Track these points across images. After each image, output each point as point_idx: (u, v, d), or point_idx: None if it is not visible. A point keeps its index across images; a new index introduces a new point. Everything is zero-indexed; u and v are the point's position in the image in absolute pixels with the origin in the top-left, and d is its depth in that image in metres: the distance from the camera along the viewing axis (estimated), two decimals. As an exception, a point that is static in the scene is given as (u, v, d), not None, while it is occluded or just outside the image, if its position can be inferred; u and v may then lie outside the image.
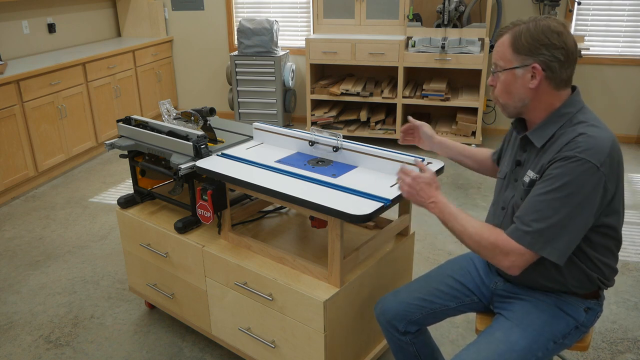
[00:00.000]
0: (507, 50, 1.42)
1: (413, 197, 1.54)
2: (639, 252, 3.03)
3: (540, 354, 1.46)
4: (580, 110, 1.43)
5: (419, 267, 2.87)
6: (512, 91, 1.45)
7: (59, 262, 3.05)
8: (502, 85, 1.46)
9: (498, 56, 1.45)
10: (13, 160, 3.84)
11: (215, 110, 2.21)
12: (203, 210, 1.94)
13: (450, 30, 4.44)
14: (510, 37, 1.42)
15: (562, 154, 1.35)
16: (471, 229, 1.43)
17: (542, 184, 1.37)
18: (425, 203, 1.51)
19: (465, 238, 1.45)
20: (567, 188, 1.32)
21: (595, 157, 1.32)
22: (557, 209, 1.33)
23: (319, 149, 1.98)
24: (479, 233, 1.42)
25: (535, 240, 1.35)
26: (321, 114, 4.90)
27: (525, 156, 1.52)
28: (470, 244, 1.44)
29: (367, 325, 1.96)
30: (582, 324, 1.52)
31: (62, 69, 4.20)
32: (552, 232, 1.34)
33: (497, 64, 1.46)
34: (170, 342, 2.37)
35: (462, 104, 4.53)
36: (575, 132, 1.38)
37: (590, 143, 1.33)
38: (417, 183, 1.52)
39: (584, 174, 1.32)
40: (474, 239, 1.43)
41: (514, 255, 1.38)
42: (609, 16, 4.64)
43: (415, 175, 1.53)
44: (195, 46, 5.74)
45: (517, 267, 1.39)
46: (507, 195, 1.56)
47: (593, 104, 4.83)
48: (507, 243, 1.38)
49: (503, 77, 1.45)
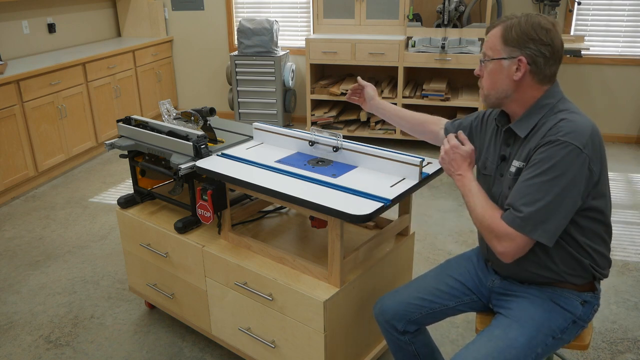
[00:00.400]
0: (497, 41, 1.47)
1: (445, 164, 1.59)
2: (639, 252, 3.03)
3: (539, 349, 1.47)
4: (560, 100, 1.49)
5: (419, 267, 2.87)
6: (496, 81, 1.49)
7: (59, 262, 3.05)
8: (488, 75, 1.50)
9: (488, 46, 1.50)
10: (13, 160, 3.84)
11: (215, 110, 2.21)
12: (203, 210, 1.94)
13: (450, 30, 4.44)
14: (501, 29, 1.47)
15: (546, 139, 1.40)
16: (479, 208, 1.48)
17: (529, 170, 1.41)
18: (453, 173, 1.57)
19: (473, 216, 1.50)
20: (553, 171, 1.37)
21: (577, 140, 1.36)
22: (545, 192, 1.37)
23: (319, 149, 1.98)
24: (482, 213, 1.47)
25: (525, 224, 1.38)
26: (321, 114, 4.90)
27: (509, 150, 1.56)
28: (475, 223, 1.50)
29: (367, 325, 1.96)
30: (579, 317, 1.53)
31: (62, 69, 4.20)
32: (541, 215, 1.38)
33: (486, 53, 1.50)
34: (170, 342, 2.37)
35: (462, 104, 4.53)
36: (557, 118, 1.43)
37: (572, 127, 1.39)
38: (453, 152, 1.56)
39: (568, 156, 1.36)
40: (478, 218, 1.48)
41: (507, 240, 1.41)
42: (609, 16, 4.63)
43: (454, 144, 1.57)
44: (195, 46, 5.74)
45: (510, 254, 1.42)
46: (495, 191, 1.59)
47: (593, 104, 4.83)
48: (500, 227, 1.42)
49: (491, 66, 1.49)
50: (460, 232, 3.28)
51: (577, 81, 4.81)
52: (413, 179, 1.76)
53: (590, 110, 4.83)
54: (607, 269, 1.56)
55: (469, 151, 1.56)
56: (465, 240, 3.18)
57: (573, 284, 1.53)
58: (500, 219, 1.43)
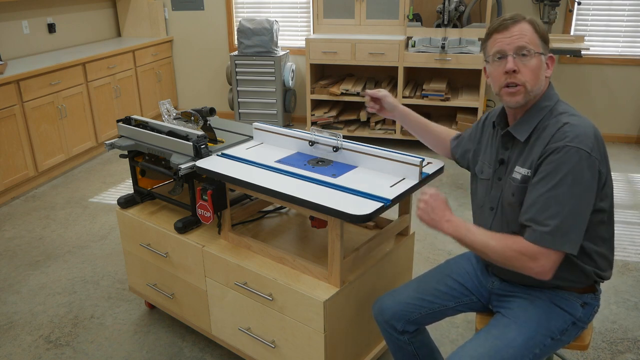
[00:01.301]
0: (534, 36, 1.43)
1: (427, 214, 1.51)
2: (639, 252, 3.03)
3: (537, 350, 1.46)
4: (558, 102, 1.48)
5: (419, 267, 2.87)
6: (539, 76, 1.44)
7: (59, 262, 3.05)
8: (534, 71, 1.43)
9: (527, 39, 1.42)
10: (13, 160, 3.84)
11: (215, 110, 2.21)
12: (203, 210, 1.94)
13: (450, 30, 4.44)
14: (530, 25, 1.44)
15: (553, 146, 1.38)
16: (493, 242, 1.42)
17: (543, 181, 1.38)
18: (440, 221, 1.49)
19: (489, 252, 1.42)
20: (568, 179, 1.35)
21: (585, 144, 1.35)
22: (565, 202, 1.35)
23: (319, 149, 1.98)
24: (502, 244, 1.41)
25: (555, 238, 1.35)
26: (321, 114, 4.90)
27: (508, 154, 1.54)
28: (495, 257, 1.42)
29: (367, 325, 1.96)
30: (579, 319, 1.52)
31: (62, 69, 4.20)
32: (566, 225, 1.35)
33: (527, 47, 1.42)
34: (170, 342, 2.37)
35: (462, 104, 4.53)
36: (559, 122, 1.41)
37: (577, 131, 1.37)
38: (434, 200, 1.51)
39: (579, 162, 1.35)
40: (498, 251, 1.41)
41: (542, 259, 1.37)
42: (609, 16, 4.63)
43: (433, 192, 1.52)
44: (195, 46, 5.74)
45: (547, 271, 1.38)
46: (494, 195, 1.57)
47: (593, 104, 4.83)
48: (531, 248, 1.37)
49: (534, 60, 1.43)
50: (460, 232, 3.28)
51: (577, 81, 4.81)
52: (413, 179, 1.76)
53: (590, 110, 4.83)
54: (609, 271, 1.55)
55: (443, 197, 1.53)
56: (465, 240, 3.18)
57: (574, 288, 1.53)
58: (524, 240, 1.39)
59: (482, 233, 1.45)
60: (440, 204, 1.51)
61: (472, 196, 1.70)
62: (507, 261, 1.41)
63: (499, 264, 1.44)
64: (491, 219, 1.58)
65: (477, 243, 1.44)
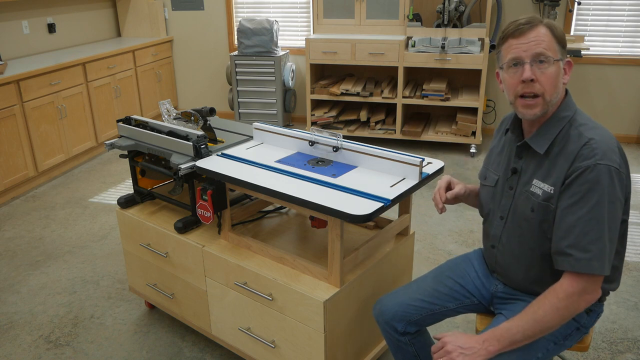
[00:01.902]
0: (552, 41, 1.36)
1: (462, 357, 1.35)
2: (639, 252, 3.03)
3: (540, 354, 1.46)
4: (577, 112, 1.43)
5: (419, 267, 2.87)
6: (558, 85, 1.38)
7: (59, 262, 3.05)
8: (552, 79, 1.36)
9: (545, 46, 1.35)
10: (13, 160, 3.84)
11: (215, 110, 2.21)
12: (203, 210, 1.94)
13: (450, 30, 4.44)
14: (548, 29, 1.37)
15: (583, 165, 1.32)
16: (538, 312, 1.33)
17: (580, 204, 1.32)
18: (478, 352, 1.35)
19: (545, 326, 1.34)
20: (604, 199, 1.31)
21: (613, 160, 1.31)
22: (604, 223, 1.31)
23: (319, 149, 1.98)
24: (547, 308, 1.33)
25: (599, 263, 1.31)
26: (321, 114, 4.90)
27: (523, 163, 1.49)
28: (552, 322, 1.34)
29: (367, 325, 1.96)
30: (583, 325, 1.52)
31: (62, 69, 4.20)
32: (607, 247, 1.32)
33: (545, 54, 1.35)
34: (170, 342, 2.37)
35: (462, 104, 4.53)
36: (583, 137, 1.36)
37: (604, 147, 1.32)
38: (455, 342, 1.38)
39: (611, 180, 1.31)
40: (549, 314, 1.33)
41: (589, 287, 1.33)
42: (609, 16, 4.63)
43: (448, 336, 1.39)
44: (195, 46, 5.74)
45: (598, 292, 1.35)
46: (504, 205, 1.54)
47: (593, 104, 4.83)
48: (575, 282, 1.32)
49: (553, 68, 1.36)
50: (460, 232, 3.28)
51: (577, 81, 4.81)
52: (413, 179, 1.76)
53: (590, 110, 4.83)
54: (617, 282, 1.52)
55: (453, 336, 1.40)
56: (465, 240, 3.18)
57: None
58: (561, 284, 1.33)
59: (520, 319, 1.35)
60: (462, 338, 1.38)
61: (478, 202, 1.70)
62: (564, 314, 1.33)
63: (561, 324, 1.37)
64: (501, 228, 1.56)
65: (529, 330, 1.34)
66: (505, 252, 1.56)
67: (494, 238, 1.59)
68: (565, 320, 1.36)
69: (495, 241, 1.58)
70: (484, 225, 1.68)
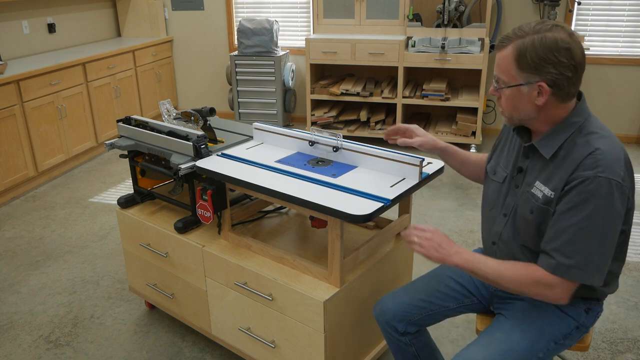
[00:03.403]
0: (511, 65, 1.35)
1: (433, 251, 1.47)
2: (639, 252, 3.03)
3: (541, 354, 1.46)
4: (588, 119, 1.41)
5: (419, 267, 2.87)
6: (518, 106, 1.39)
7: (59, 262, 3.05)
8: (508, 100, 1.40)
9: (501, 70, 1.38)
10: (13, 160, 3.84)
11: (215, 110, 2.21)
12: (203, 210, 1.94)
13: (450, 30, 4.44)
14: (514, 51, 1.34)
15: (583, 175, 1.31)
16: (508, 272, 1.39)
17: (573, 211, 1.32)
18: (448, 256, 1.46)
19: (503, 282, 1.40)
20: (599, 211, 1.30)
21: (617, 174, 1.30)
22: (595, 235, 1.31)
23: (319, 149, 1.98)
24: (517, 274, 1.38)
25: (578, 272, 1.32)
26: (321, 114, 4.90)
27: (529, 163, 1.49)
28: (509, 286, 1.40)
29: (367, 325, 1.96)
30: (582, 324, 1.52)
31: (62, 69, 4.20)
32: (595, 259, 1.32)
33: (500, 78, 1.39)
34: (170, 342, 2.37)
35: (462, 104, 4.53)
36: (590, 146, 1.34)
37: (609, 159, 1.31)
38: (437, 235, 1.48)
39: (610, 193, 1.30)
40: (513, 281, 1.38)
41: (559, 288, 1.35)
42: (609, 16, 4.63)
43: (432, 228, 1.50)
44: (195, 46, 5.74)
45: (563, 298, 1.36)
46: (508, 203, 1.54)
47: (593, 104, 4.83)
48: (548, 278, 1.35)
49: (508, 92, 1.39)
50: (460, 232, 3.28)
51: (577, 81, 4.80)
52: (413, 179, 1.76)
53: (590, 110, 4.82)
54: (615, 285, 1.53)
55: (442, 231, 1.51)
56: (465, 240, 3.18)
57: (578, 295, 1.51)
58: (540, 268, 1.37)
59: (493, 263, 1.42)
60: (445, 238, 1.49)
61: (483, 196, 1.68)
62: (523, 289, 1.38)
63: (512, 292, 1.42)
64: (502, 225, 1.56)
65: (490, 274, 1.41)
66: (505, 250, 1.56)
67: (495, 235, 1.59)
68: (520, 293, 1.41)
69: (496, 238, 1.58)
70: (485, 221, 1.67)
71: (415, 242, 1.50)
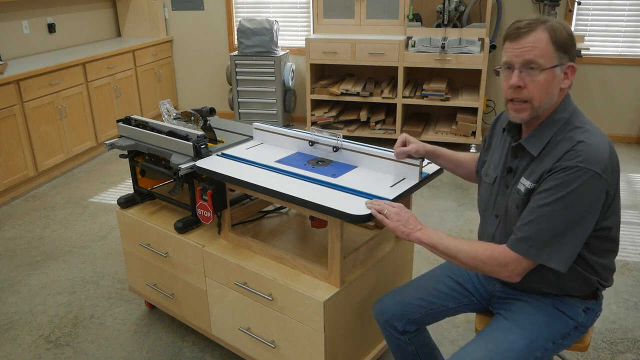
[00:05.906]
0: (548, 46, 1.33)
1: (401, 226, 1.50)
2: (639, 252, 3.03)
3: (539, 354, 1.46)
4: (573, 114, 1.42)
5: (419, 267, 2.87)
6: (550, 91, 1.36)
7: (59, 262, 3.05)
8: (541, 86, 1.35)
9: (536, 53, 1.34)
10: (13, 160, 3.84)
11: (215, 110, 2.21)
12: (203, 210, 1.94)
13: (450, 30, 4.44)
14: (547, 32, 1.33)
15: (563, 164, 1.33)
16: (465, 247, 1.43)
17: (543, 194, 1.35)
18: (412, 232, 1.50)
19: (460, 257, 1.44)
20: (570, 198, 1.31)
21: (596, 165, 1.31)
22: (561, 219, 1.32)
23: (319, 149, 1.98)
24: (474, 249, 1.42)
25: (537, 251, 1.34)
26: (321, 114, 4.90)
27: (517, 162, 1.50)
28: (466, 261, 1.43)
29: (367, 325, 1.96)
30: (581, 324, 1.52)
31: (62, 69, 4.20)
32: (557, 242, 1.33)
33: (536, 61, 1.34)
34: (170, 342, 2.37)
35: (462, 104, 4.53)
36: (574, 139, 1.35)
37: (591, 151, 1.32)
38: (405, 211, 1.52)
39: (586, 183, 1.31)
40: (470, 256, 1.42)
41: (512, 265, 1.38)
42: (609, 16, 4.64)
43: (398, 204, 1.55)
44: (195, 46, 5.74)
45: (515, 277, 1.39)
46: (499, 203, 1.55)
47: (593, 104, 4.83)
48: (503, 253, 1.38)
49: (543, 76, 1.35)
50: (460, 232, 3.28)
51: (577, 81, 4.81)
52: (413, 179, 1.76)
53: (590, 110, 4.83)
54: (611, 279, 1.54)
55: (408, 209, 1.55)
56: (465, 240, 3.18)
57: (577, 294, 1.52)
58: (500, 246, 1.40)
59: (454, 239, 1.46)
60: (412, 215, 1.53)
61: (478, 197, 1.69)
62: (478, 265, 1.41)
63: (469, 269, 1.46)
64: (495, 226, 1.56)
65: (449, 249, 1.44)
66: None
67: (488, 236, 1.59)
68: (475, 270, 1.44)
69: (490, 239, 1.59)
70: (481, 222, 1.68)
71: (384, 214, 1.52)
